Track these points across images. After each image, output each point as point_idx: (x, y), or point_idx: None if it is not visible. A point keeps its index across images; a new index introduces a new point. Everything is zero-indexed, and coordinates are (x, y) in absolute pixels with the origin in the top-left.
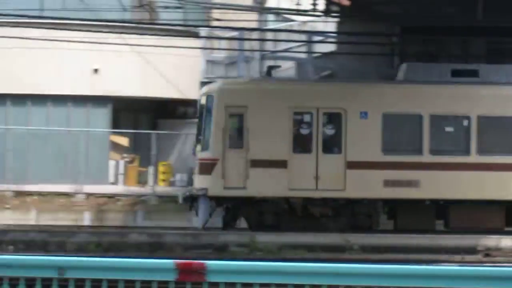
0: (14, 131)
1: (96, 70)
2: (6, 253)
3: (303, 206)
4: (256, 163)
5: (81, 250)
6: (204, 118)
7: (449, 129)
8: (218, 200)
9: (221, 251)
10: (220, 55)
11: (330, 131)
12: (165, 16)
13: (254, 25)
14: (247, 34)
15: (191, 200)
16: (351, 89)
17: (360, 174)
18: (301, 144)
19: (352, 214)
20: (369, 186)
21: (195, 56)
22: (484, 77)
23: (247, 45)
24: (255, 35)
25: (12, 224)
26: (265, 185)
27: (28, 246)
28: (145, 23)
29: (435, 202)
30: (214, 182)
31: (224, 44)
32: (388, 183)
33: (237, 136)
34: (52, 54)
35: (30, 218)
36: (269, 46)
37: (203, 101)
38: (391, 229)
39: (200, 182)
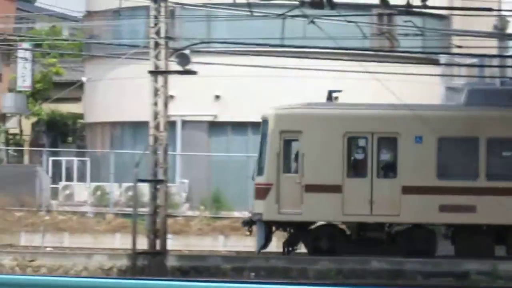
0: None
1: (336, 98)
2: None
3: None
4: (311, 188)
5: (322, 277)
6: (261, 143)
7: (506, 153)
8: (273, 225)
9: (462, 279)
10: (459, 82)
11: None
12: (404, 43)
13: (494, 51)
14: (487, 61)
15: (250, 225)
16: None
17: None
18: (356, 168)
19: (409, 240)
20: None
21: (434, 83)
22: None
23: (487, 71)
24: (495, 61)
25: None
26: (319, 209)
27: (269, 273)
28: (384, 51)
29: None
30: (268, 206)
31: (464, 71)
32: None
33: (291, 161)
34: (295, 81)
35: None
36: (510, 72)
37: (262, 126)
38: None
39: (256, 206)
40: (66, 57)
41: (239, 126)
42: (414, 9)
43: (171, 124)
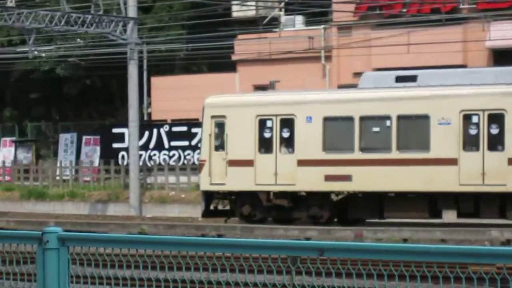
0: None
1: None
2: None
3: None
4: (232, 163)
5: None
6: (201, 126)
7: (375, 129)
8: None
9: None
10: None
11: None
12: None
13: None
14: None
15: None
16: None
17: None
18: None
19: (307, 206)
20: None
21: None
22: (421, 81)
23: None
24: None
25: None
26: (238, 181)
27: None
28: None
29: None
30: (203, 179)
31: None
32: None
33: (219, 140)
34: None
35: None
36: None
37: (202, 112)
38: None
39: (199, 179)
40: None
41: None
42: None
43: None
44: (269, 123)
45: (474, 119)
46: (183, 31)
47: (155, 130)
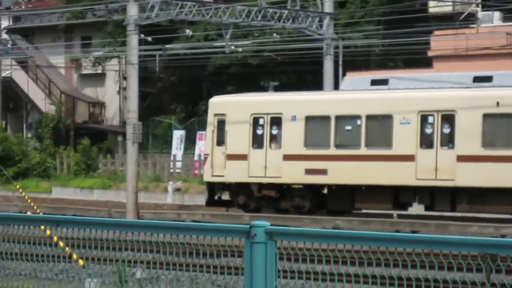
0: None
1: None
2: None
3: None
4: (230, 157)
5: None
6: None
7: (348, 127)
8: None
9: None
10: None
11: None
12: None
13: None
14: None
15: None
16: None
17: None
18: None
19: (291, 197)
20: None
21: None
22: (392, 85)
23: None
24: None
25: None
26: (234, 173)
27: None
28: None
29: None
30: (207, 171)
31: None
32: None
33: (221, 136)
34: None
35: None
36: None
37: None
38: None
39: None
40: None
41: None
42: None
43: None
44: (261, 121)
45: (430, 119)
46: (379, 27)
47: None
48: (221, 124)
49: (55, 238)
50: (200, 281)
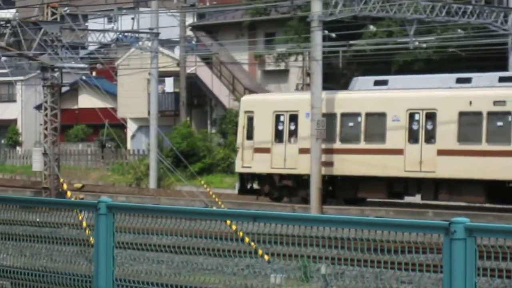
0: None
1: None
2: None
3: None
4: (257, 150)
5: None
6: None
7: (351, 123)
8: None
9: None
10: None
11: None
12: None
13: None
14: None
15: None
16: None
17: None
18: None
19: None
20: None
21: None
22: (391, 85)
23: None
24: None
25: None
26: (259, 165)
27: None
28: None
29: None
30: (237, 163)
31: None
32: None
33: (250, 131)
34: None
35: None
36: None
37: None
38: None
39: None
40: None
41: None
42: None
43: None
44: (282, 118)
45: (416, 117)
46: None
47: None
48: (250, 120)
49: (240, 233)
50: (385, 277)
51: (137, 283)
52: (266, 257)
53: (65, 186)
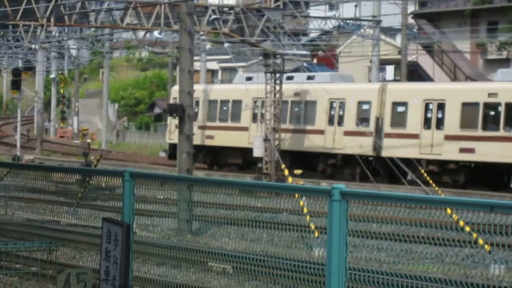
0: None
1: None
2: None
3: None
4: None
5: None
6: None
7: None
8: None
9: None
10: None
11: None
12: None
13: None
14: None
15: None
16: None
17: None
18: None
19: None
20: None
21: None
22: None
23: None
24: None
25: None
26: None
27: None
28: None
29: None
30: None
31: None
32: None
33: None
34: None
35: None
36: None
37: None
38: None
39: None
40: None
41: None
42: None
43: None
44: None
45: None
46: None
47: None
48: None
49: (461, 223)
50: None
51: (366, 271)
52: (487, 247)
53: (286, 172)
